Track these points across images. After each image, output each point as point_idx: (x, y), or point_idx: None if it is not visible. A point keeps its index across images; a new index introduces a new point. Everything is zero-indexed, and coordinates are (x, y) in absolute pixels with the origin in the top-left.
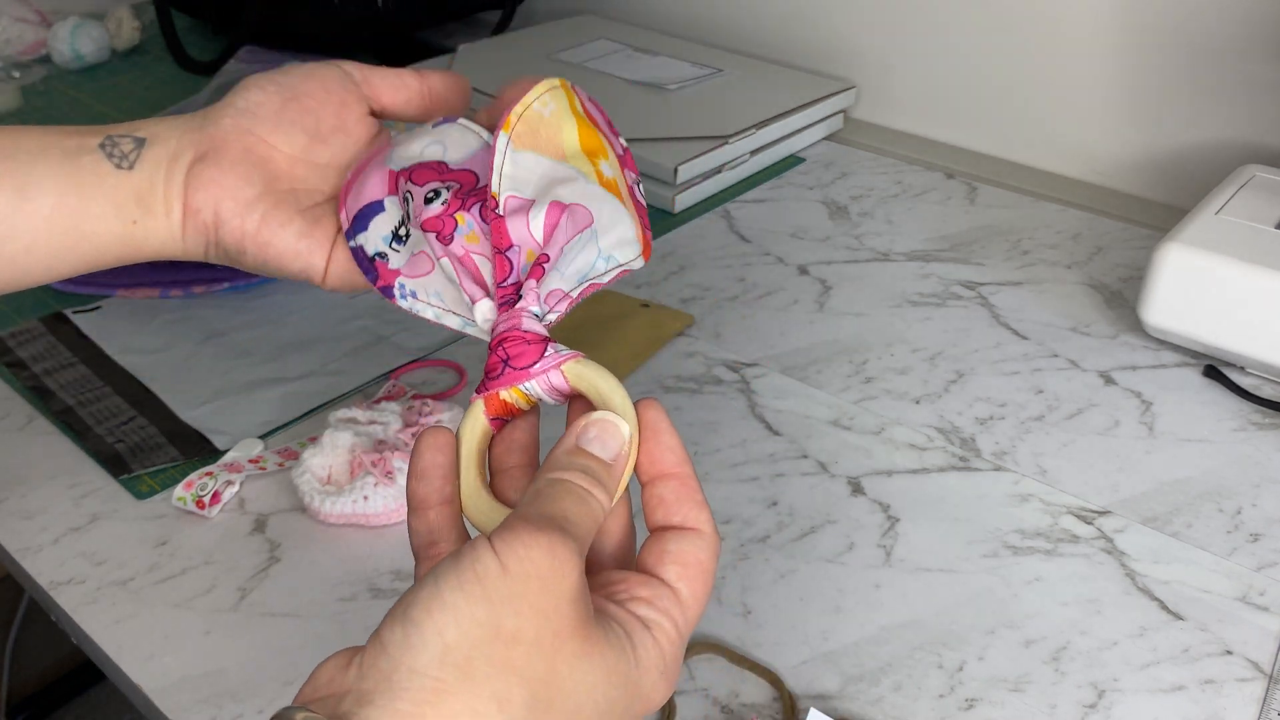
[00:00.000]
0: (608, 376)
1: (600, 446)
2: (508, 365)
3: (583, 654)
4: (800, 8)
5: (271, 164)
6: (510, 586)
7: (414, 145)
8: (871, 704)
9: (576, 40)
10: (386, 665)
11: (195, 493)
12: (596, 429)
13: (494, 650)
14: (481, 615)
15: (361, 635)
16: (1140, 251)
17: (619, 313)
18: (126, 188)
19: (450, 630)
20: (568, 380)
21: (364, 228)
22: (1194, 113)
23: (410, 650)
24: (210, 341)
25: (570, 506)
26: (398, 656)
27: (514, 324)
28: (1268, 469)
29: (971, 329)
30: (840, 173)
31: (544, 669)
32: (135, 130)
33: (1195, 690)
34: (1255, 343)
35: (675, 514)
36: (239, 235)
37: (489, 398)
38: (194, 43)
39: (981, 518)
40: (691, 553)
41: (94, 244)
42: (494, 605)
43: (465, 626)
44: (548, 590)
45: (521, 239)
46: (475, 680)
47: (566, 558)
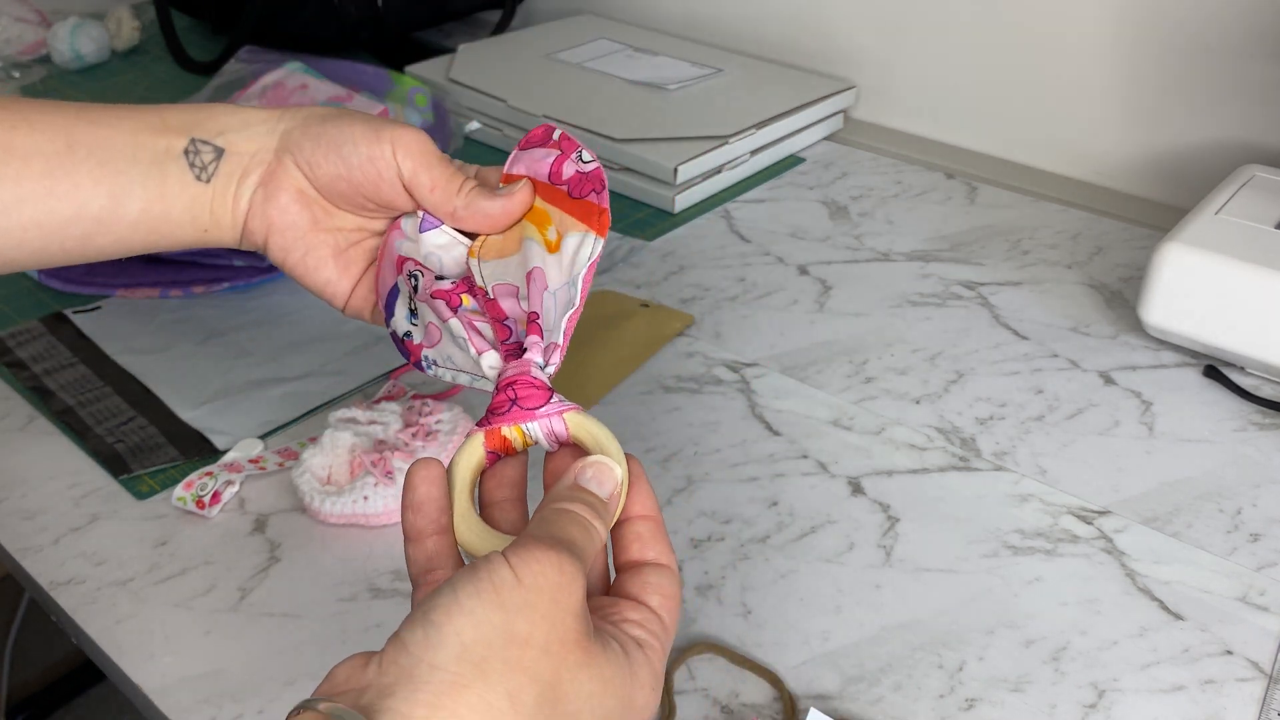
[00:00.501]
0: (604, 428)
1: (597, 485)
2: (515, 404)
3: (585, 663)
4: (800, 8)
5: (319, 208)
6: (523, 596)
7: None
8: (871, 704)
9: (576, 40)
10: (408, 662)
11: (195, 493)
12: (594, 470)
13: (508, 652)
14: (497, 620)
15: (361, 635)
16: (1140, 251)
17: (619, 313)
18: (204, 199)
19: (468, 632)
20: (568, 428)
21: (391, 313)
22: (1194, 113)
23: (431, 649)
24: (210, 341)
25: (576, 533)
26: (419, 654)
27: (523, 370)
28: (1268, 469)
29: (971, 329)
30: (840, 173)
31: (551, 673)
32: (215, 135)
33: (1195, 690)
34: (1255, 343)
35: (650, 550)
36: (282, 259)
37: (490, 432)
38: (194, 43)
39: (981, 518)
40: (668, 585)
41: (169, 241)
42: (508, 612)
43: (482, 629)
44: (556, 602)
45: (515, 312)
46: (490, 677)
47: (574, 574)
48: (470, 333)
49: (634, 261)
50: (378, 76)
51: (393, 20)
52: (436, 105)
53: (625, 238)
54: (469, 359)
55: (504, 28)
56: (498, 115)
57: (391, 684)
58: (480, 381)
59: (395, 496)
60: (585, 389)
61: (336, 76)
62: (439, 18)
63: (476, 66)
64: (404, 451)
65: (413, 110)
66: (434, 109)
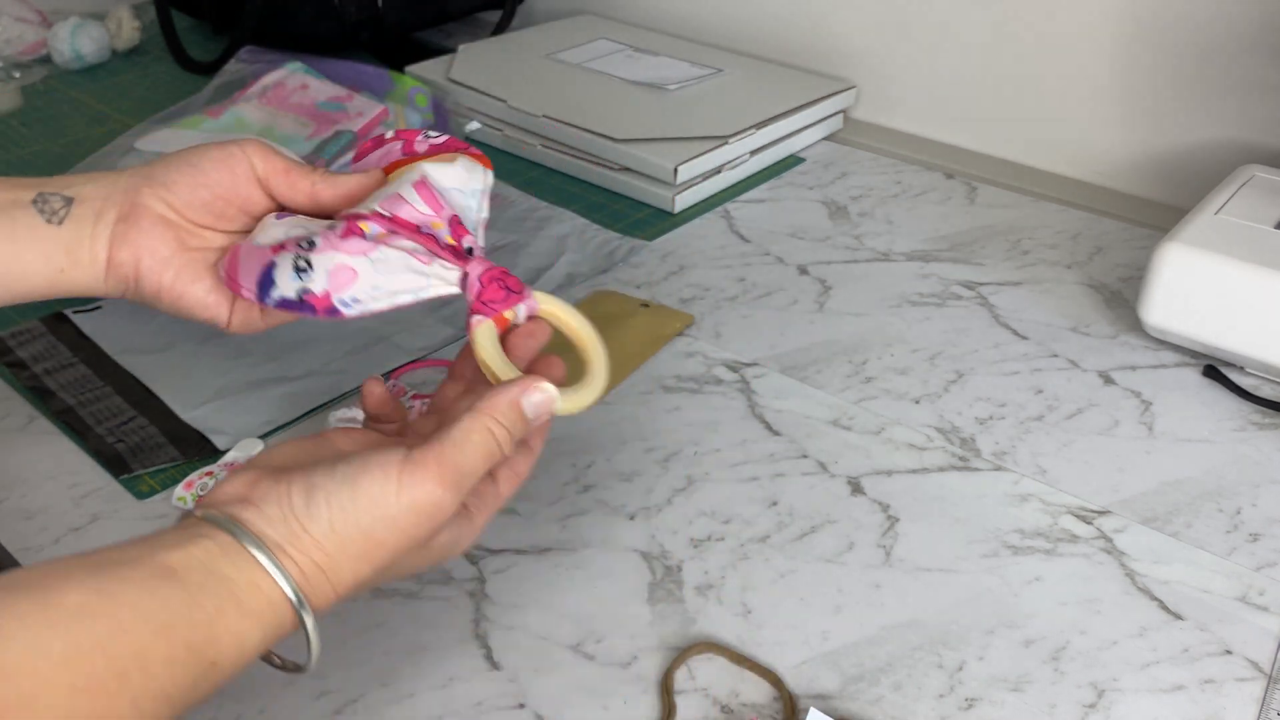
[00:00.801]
0: (562, 303)
1: (534, 411)
2: (510, 292)
3: (422, 553)
4: (800, 8)
5: (183, 229)
6: (395, 511)
7: (276, 231)
8: (871, 704)
9: (576, 40)
10: (286, 513)
11: (196, 492)
12: (540, 397)
13: (365, 545)
14: (365, 523)
15: (362, 634)
16: (1140, 251)
17: (619, 313)
18: (57, 241)
19: (338, 520)
20: (540, 305)
21: (272, 284)
22: (1193, 113)
23: (306, 518)
24: (210, 341)
25: (481, 462)
26: (297, 515)
27: (489, 265)
28: (1267, 469)
29: (971, 329)
30: (840, 173)
31: (389, 561)
32: (64, 189)
33: (1195, 690)
34: (1255, 342)
35: (531, 438)
36: (157, 286)
37: (498, 317)
38: (194, 43)
39: (981, 517)
40: (521, 464)
41: (25, 285)
42: (375, 519)
43: (350, 525)
44: (420, 523)
45: (416, 216)
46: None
47: (448, 506)
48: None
49: (634, 261)
50: (378, 76)
51: (393, 20)
52: (437, 105)
53: (625, 238)
54: (414, 275)
55: (504, 28)
56: (498, 115)
57: (270, 518)
58: (428, 290)
59: None
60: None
61: (336, 76)
62: (439, 18)
63: (477, 66)
64: None
65: (413, 110)
66: (434, 109)
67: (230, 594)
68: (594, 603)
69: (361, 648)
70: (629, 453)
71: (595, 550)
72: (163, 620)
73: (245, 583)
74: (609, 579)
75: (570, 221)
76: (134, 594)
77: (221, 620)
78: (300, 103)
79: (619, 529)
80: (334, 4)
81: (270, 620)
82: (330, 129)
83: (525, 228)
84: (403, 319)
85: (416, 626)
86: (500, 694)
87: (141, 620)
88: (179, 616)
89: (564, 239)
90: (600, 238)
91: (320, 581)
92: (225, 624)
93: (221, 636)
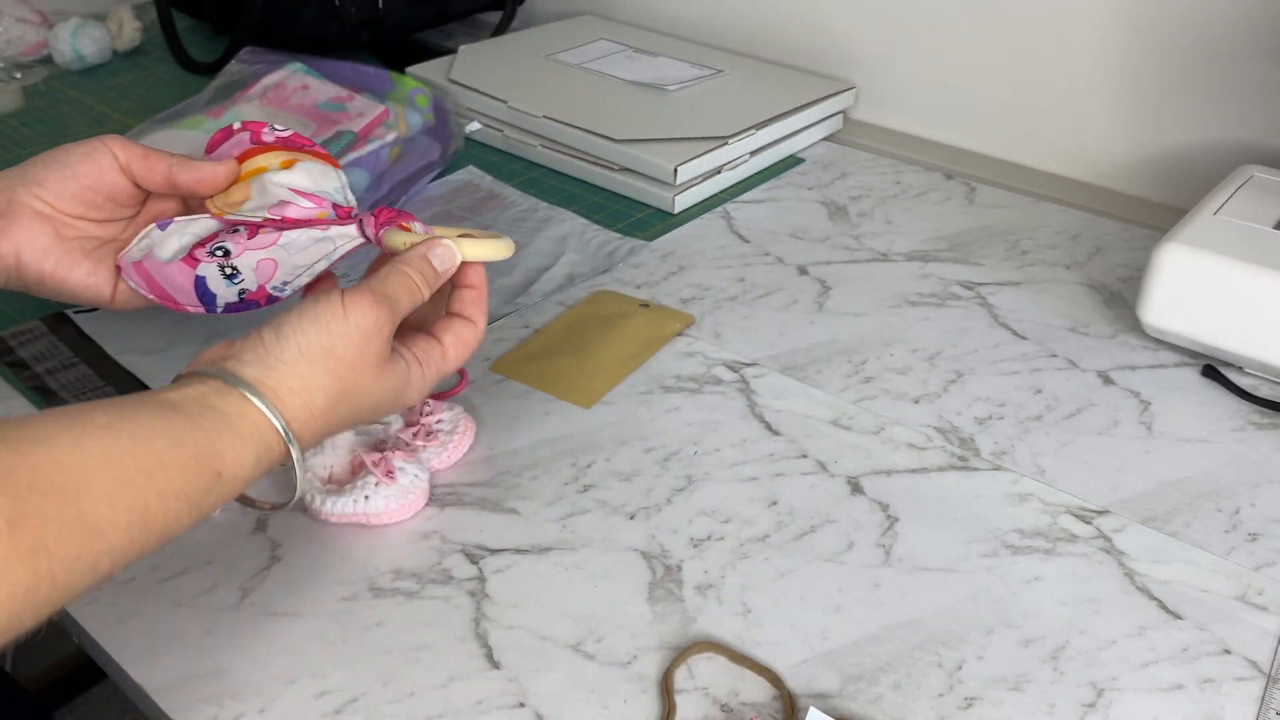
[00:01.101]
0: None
1: (439, 262)
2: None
3: (378, 375)
4: (800, 8)
5: (58, 221)
6: (345, 328)
7: (170, 242)
8: (871, 703)
9: (576, 41)
10: (260, 351)
11: None
12: (442, 250)
13: (327, 362)
14: (324, 341)
15: (362, 634)
16: (1139, 252)
17: (619, 313)
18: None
19: (304, 343)
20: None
21: (213, 295)
22: (1193, 113)
23: (277, 347)
24: (211, 341)
25: (402, 292)
26: (268, 348)
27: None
28: (1266, 469)
29: (970, 329)
30: (839, 173)
31: (351, 378)
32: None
33: (1194, 689)
34: (1254, 343)
35: (467, 309)
36: (39, 274)
37: (399, 225)
38: (195, 43)
39: (980, 517)
40: (467, 334)
41: None
42: (332, 337)
43: (313, 344)
44: (367, 338)
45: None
46: (313, 370)
47: (386, 321)
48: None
49: (634, 261)
50: (378, 77)
51: (393, 21)
52: (437, 106)
53: (625, 238)
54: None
55: (504, 29)
56: (498, 116)
57: (247, 361)
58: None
59: (396, 496)
60: (585, 389)
61: (337, 77)
62: (440, 19)
63: (477, 67)
64: (405, 451)
65: (413, 111)
66: (435, 110)
67: (224, 421)
68: (594, 602)
69: (361, 647)
70: (629, 453)
71: (595, 550)
72: (174, 435)
73: (235, 412)
74: (609, 578)
75: (570, 222)
76: (148, 417)
77: (220, 440)
78: (301, 103)
79: (619, 529)
80: (335, 5)
81: (260, 443)
82: (331, 129)
83: (525, 228)
84: None
85: (416, 625)
86: (500, 693)
87: (157, 434)
88: (185, 434)
89: (564, 239)
90: (600, 238)
91: (297, 404)
92: (224, 443)
93: (223, 453)
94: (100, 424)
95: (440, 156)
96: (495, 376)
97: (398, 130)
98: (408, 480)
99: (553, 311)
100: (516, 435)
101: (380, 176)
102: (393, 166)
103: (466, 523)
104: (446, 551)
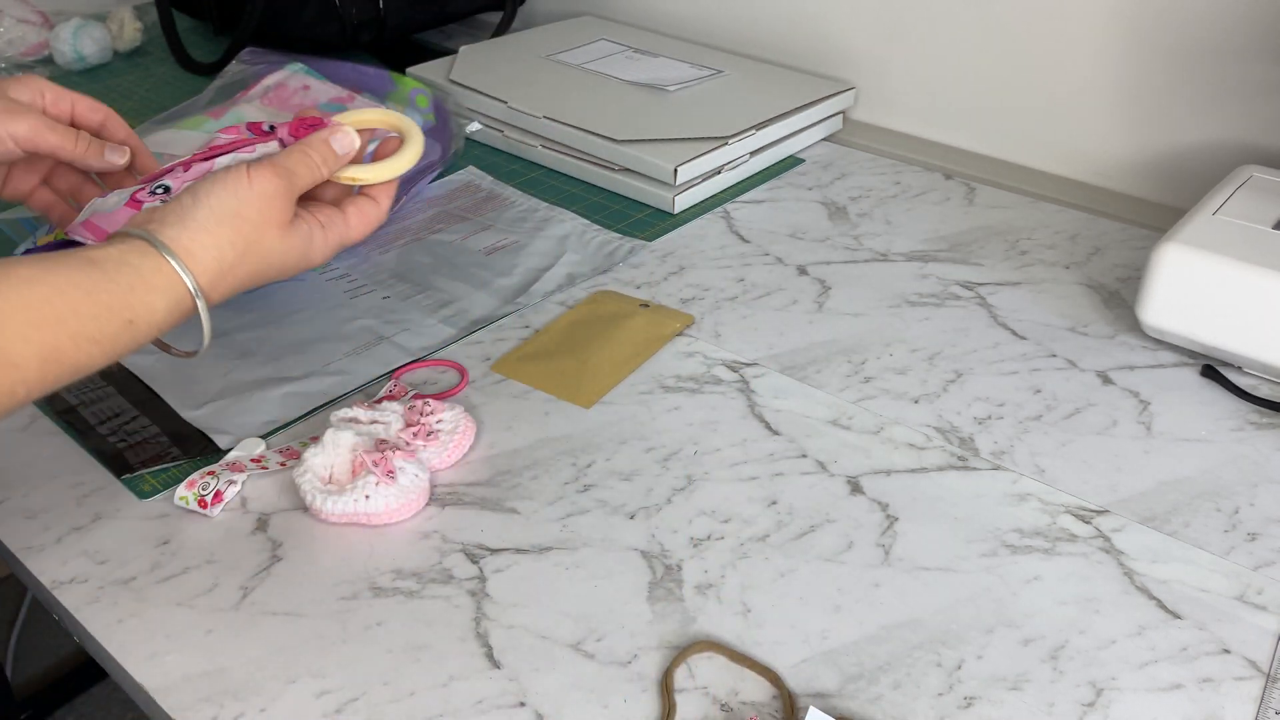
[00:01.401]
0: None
1: (338, 146)
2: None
3: (281, 235)
4: (800, 9)
5: None
6: (249, 193)
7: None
8: (870, 702)
9: (577, 41)
10: (178, 212)
11: (197, 492)
12: (341, 136)
13: (235, 221)
14: (232, 203)
15: (363, 633)
16: (1138, 252)
17: (619, 313)
18: None
19: (215, 204)
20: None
21: None
22: (1192, 113)
23: (192, 208)
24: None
25: (302, 168)
26: (184, 210)
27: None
28: (1265, 468)
29: (970, 329)
30: (839, 173)
31: (256, 235)
32: None
33: (1193, 689)
34: (1253, 342)
35: (373, 192)
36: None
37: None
38: (196, 44)
39: (980, 517)
40: (370, 210)
41: None
42: (239, 201)
43: (223, 205)
44: (269, 201)
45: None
46: (220, 229)
47: (285, 189)
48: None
49: (634, 262)
50: (379, 78)
51: (394, 22)
52: (438, 106)
53: (625, 238)
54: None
55: (505, 29)
56: (498, 116)
57: (169, 223)
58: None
59: (397, 496)
60: (585, 389)
61: (338, 78)
62: (440, 19)
63: (477, 68)
64: (405, 451)
65: (414, 111)
66: (435, 110)
67: (139, 275)
68: (594, 602)
69: (362, 646)
70: (629, 453)
71: (595, 549)
72: (88, 288)
73: (150, 268)
74: (609, 578)
75: (571, 222)
76: (67, 271)
77: (133, 292)
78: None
79: (619, 528)
80: (335, 5)
81: (172, 295)
82: None
83: (525, 228)
84: (403, 319)
85: (417, 625)
86: (500, 692)
87: (73, 286)
88: (100, 286)
89: (564, 239)
90: (600, 238)
91: (207, 259)
92: (137, 295)
93: (135, 304)
94: (24, 277)
95: (441, 157)
96: (495, 376)
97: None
98: (408, 480)
99: (553, 311)
100: (516, 435)
101: None
102: None
103: (467, 522)
104: (447, 551)
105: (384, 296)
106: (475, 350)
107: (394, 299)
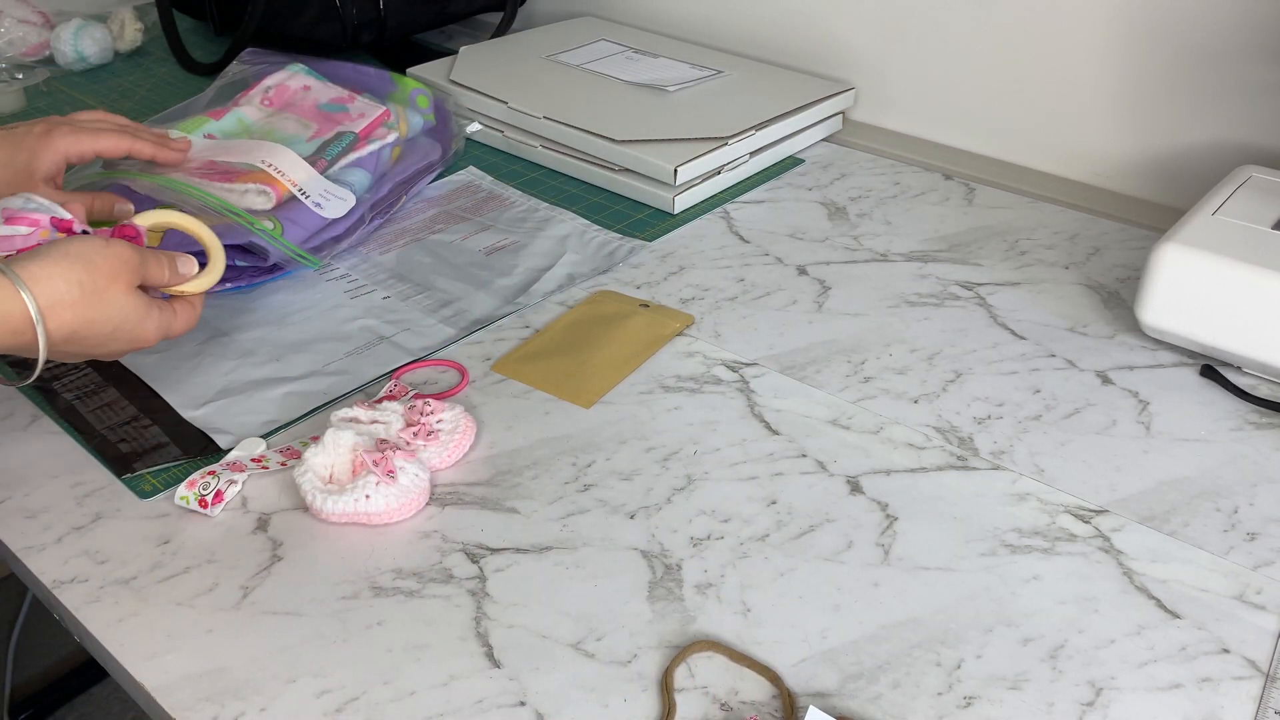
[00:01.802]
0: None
1: (182, 267)
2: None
3: (125, 295)
4: (800, 10)
5: None
6: (106, 250)
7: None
8: (870, 702)
9: (577, 42)
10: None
11: (198, 492)
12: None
13: (87, 266)
14: (87, 252)
15: (363, 633)
16: (1137, 252)
17: (619, 313)
18: None
19: (70, 248)
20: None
21: None
22: (1191, 114)
23: (50, 249)
24: (213, 341)
25: (152, 262)
26: (44, 249)
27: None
28: (1264, 468)
29: (969, 329)
30: (839, 174)
31: (103, 284)
32: None
33: (1193, 688)
34: (1252, 342)
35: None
36: None
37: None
38: (196, 44)
39: (979, 517)
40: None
41: None
42: (95, 251)
43: (79, 252)
44: (122, 262)
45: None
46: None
47: (137, 263)
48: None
49: (634, 262)
50: (379, 78)
51: (394, 22)
52: (438, 107)
53: (625, 238)
54: None
55: (505, 30)
56: (499, 117)
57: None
58: None
59: (397, 496)
60: (585, 389)
61: (338, 78)
62: (440, 20)
63: (478, 68)
64: (406, 451)
65: (414, 111)
66: (435, 110)
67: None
68: (594, 601)
69: (362, 646)
70: (629, 452)
71: (595, 549)
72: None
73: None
74: (609, 578)
75: (571, 222)
76: None
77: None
78: (302, 104)
79: (619, 528)
80: (336, 6)
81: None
82: (332, 130)
83: (525, 228)
84: (404, 319)
85: (417, 625)
86: (501, 692)
87: None
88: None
89: (564, 239)
90: (600, 238)
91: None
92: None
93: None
94: None
95: (441, 157)
96: (495, 376)
97: (399, 131)
98: (408, 480)
99: (553, 311)
100: (516, 435)
101: (381, 177)
102: (393, 167)
103: (467, 522)
104: (447, 551)
105: (384, 296)
106: (475, 350)
107: (394, 299)
